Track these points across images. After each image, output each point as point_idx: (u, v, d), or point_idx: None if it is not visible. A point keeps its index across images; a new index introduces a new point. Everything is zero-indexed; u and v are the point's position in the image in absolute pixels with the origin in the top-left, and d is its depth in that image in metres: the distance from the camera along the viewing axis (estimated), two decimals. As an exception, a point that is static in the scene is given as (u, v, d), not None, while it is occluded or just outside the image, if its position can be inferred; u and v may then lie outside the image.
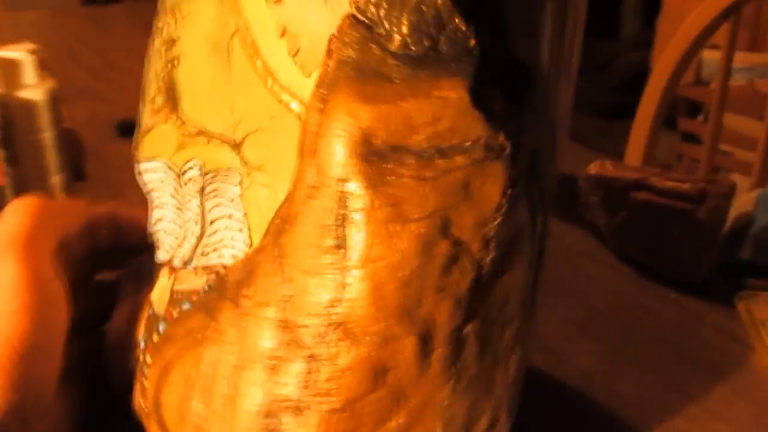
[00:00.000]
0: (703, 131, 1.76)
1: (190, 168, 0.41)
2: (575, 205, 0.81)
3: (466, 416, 0.37)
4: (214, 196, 0.40)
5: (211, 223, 0.40)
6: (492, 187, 0.34)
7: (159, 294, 0.41)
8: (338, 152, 0.33)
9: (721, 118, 1.56)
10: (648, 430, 0.54)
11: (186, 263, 0.40)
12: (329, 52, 0.34)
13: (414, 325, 0.34)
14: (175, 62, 0.41)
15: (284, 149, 0.37)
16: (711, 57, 2.22)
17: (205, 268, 0.39)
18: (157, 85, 0.42)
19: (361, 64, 0.33)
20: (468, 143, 0.34)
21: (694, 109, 2.47)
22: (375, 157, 0.33)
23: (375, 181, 0.33)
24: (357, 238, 0.33)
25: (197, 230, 0.40)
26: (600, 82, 3.17)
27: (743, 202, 0.79)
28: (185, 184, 0.41)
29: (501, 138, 0.34)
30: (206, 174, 0.40)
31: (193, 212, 0.40)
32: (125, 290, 0.46)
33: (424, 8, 0.34)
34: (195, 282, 0.39)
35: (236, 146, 0.39)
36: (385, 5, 0.34)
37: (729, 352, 0.64)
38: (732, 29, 1.45)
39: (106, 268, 0.49)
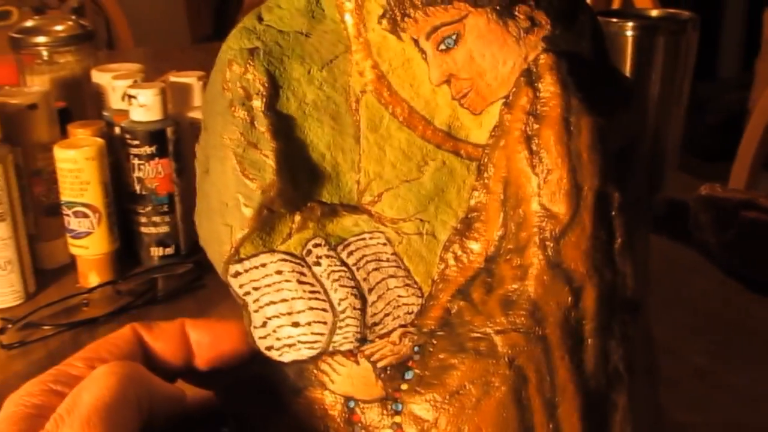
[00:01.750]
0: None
1: (315, 246, 0.38)
2: (684, 225, 0.87)
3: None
4: (366, 263, 0.38)
5: (370, 290, 0.38)
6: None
7: (355, 382, 0.38)
8: (600, 160, 0.36)
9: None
10: (757, 419, 0.59)
11: (362, 340, 0.38)
12: (532, 82, 0.36)
13: None
14: (289, 140, 0.38)
15: (441, 191, 0.38)
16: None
17: (382, 336, 0.38)
18: (273, 169, 0.37)
19: (579, 84, 0.36)
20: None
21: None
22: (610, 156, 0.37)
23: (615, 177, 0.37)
24: (622, 228, 0.37)
25: (358, 303, 0.38)
26: (697, 123, 3.19)
27: None
28: (315, 264, 0.38)
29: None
30: (337, 247, 0.39)
31: (346, 287, 0.38)
32: (254, 412, 0.40)
33: (597, 34, 0.39)
34: (398, 350, 0.38)
35: (362, 208, 0.38)
36: (570, 37, 0.37)
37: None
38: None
39: None
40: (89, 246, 0.81)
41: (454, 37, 0.36)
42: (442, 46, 0.37)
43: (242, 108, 0.37)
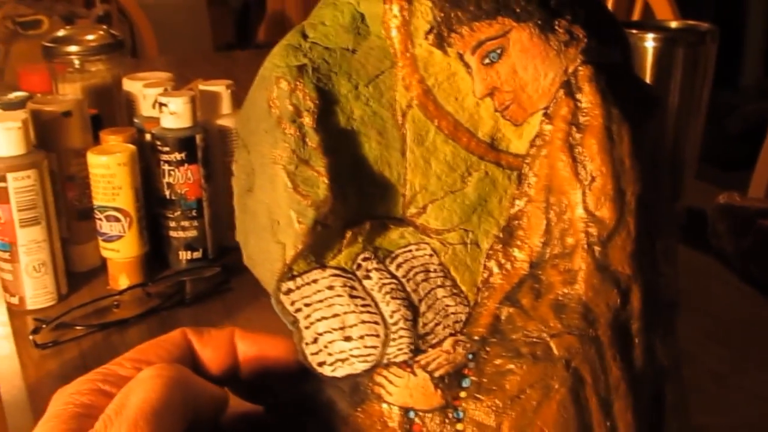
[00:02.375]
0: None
1: (365, 260, 0.39)
2: (703, 234, 0.89)
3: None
4: (415, 274, 0.39)
5: (420, 301, 0.38)
6: None
7: (414, 393, 0.38)
8: (639, 166, 0.37)
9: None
10: (772, 422, 0.62)
11: (416, 351, 0.38)
12: (572, 93, 0.38)
13: None
14: (338, 156, 0.38)
15: (484, 201, 0.39)
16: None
17: (434, 345, 0.38)
18: (326, 185, 0.37)
19: (615, 94, 0.38)
20: None
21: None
22: None
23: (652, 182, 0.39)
24: (661, 230, 0.38)
25: (409, 314, 0.38)
26: (719, 132, 3.19)
27: None
28: (365, 277, 0.39)
29: None
30: (385, 260, 0.39)
31: (398, 299, 0.38)
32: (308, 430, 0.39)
33: (625, 46, 0.40)
34: (453, 358, 0.38)
35: (408, 220, 0.39)
36: (604, 49, 0.38)
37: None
38: None
39: None
40: (120, 249, 0.83)
41: (498, 51, 0.38)
42: (487, 60, 0.38)
43: (293, 125, 0.37)
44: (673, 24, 1.01)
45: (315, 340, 0.39)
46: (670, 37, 0.93)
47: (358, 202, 0.39)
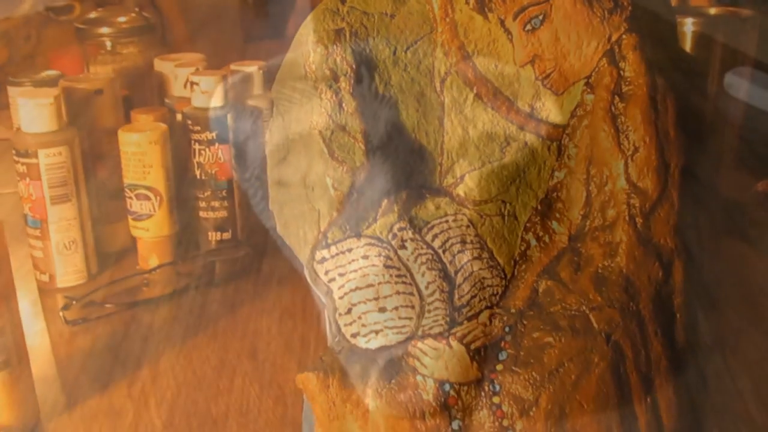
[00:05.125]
0: None
1: (400, 230, 0.38)
2: (741, 223, 0.88)
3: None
4: (451, 245, 0.38)
5: (456, 272, 0.38)
6: None
7: (449, 365, 0.37)
8: (684, 138, 0.37)
9: None
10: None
11: (451, 323, 0.38)
12: (616, 62, 0.37)
13: None
14: (375, 123, 0.38)
15: (522, 172, 0.38)
16: None
17: (471, 317, 0.38)
18: (362, 151, 0.37)
19: (660, 64, 0.37)
20: None
21: None
22: None
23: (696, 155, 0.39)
24: (705, 204, 0.39)
25: (446, 286, 0.38)
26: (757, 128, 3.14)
27: None
28: (401, 248, 0.38)
29: None
30: (421, 230, 0.39)
31: (434, 269, 0.38)
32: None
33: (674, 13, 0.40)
34: (489, 331, 0.38)
35: (445, 190, 0.39)
36: (649, 18, 0.38)
37: None
38: None
39: None
40: (150, 228, 0.83)
41: (540, 17, 0.37)
42: (528, 27, 0.37)
43: (329, 90, 0.37)
44: (713, 11, 0.99)
45: (349, 311, 0.38)
46: (709, 23, 0.91)
47: (394, 170, 0.38)
